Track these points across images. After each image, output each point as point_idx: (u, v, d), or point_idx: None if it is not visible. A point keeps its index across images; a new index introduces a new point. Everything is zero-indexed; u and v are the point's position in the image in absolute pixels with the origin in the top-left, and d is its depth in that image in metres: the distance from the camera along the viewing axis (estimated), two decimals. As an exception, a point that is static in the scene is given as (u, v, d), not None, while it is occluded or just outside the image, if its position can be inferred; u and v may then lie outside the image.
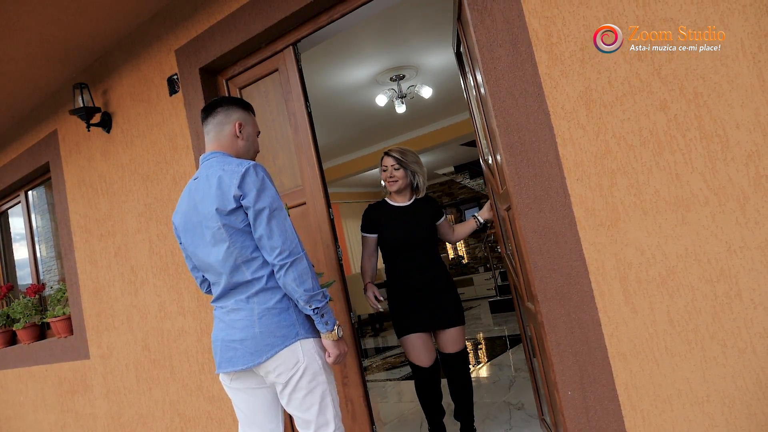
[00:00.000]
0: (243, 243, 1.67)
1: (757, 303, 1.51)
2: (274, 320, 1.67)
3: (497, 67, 1.89)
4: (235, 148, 1.83)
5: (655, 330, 1.65)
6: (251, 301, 1.69)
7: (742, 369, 1.54)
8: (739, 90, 1.50)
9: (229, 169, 1.68)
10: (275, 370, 1.67)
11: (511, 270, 2.80)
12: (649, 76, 1.63)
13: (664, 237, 1.63)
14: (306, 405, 1.70)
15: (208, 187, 1.70)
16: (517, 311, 3.04)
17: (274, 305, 1.68)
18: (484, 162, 3.02)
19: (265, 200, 1.64)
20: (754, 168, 1.49)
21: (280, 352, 1.65)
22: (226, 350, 1.71)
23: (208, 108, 1.85)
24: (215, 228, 1.68)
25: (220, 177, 1.67)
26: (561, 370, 1.82)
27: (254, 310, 1.68)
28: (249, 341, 1.66)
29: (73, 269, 3.70)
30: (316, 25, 2.50)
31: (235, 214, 1.66)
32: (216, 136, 1.83)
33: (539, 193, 1.83)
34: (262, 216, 1.63)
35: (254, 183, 1.64)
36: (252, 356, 1.66)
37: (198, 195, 1.74)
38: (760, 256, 1.49)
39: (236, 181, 1.64)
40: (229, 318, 1.72)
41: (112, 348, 3.46)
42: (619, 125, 1.69)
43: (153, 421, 3.24)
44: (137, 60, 3.16)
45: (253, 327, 1.66)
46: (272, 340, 1.65)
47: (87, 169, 3.56)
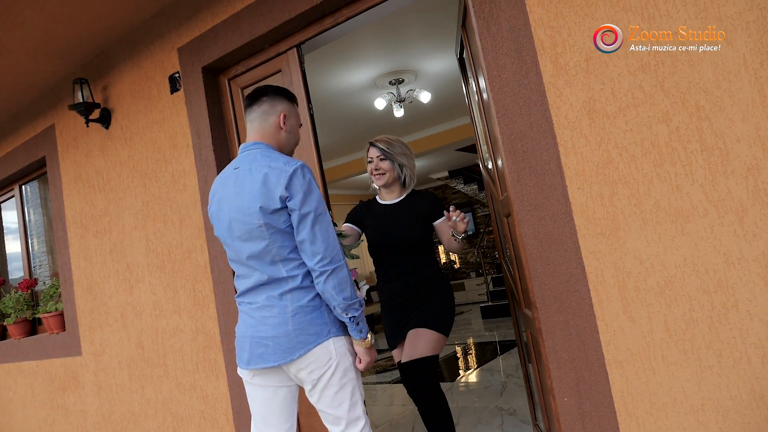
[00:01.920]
0: (282, 243, 1.66)
1: (753, 314, 1.53)
2: (308, 318, 1.66)
3: (502, 75, 1.91)
4: (277, 140, 1.81)
5: (652, 338, 1.68)
6: (284, 298, 1.67)
7: (736, 379, 1.56)
8: (740, 104, 1.53)
9: (276, 167, 1.65)
10: (308, 367, 1.67)
11: (509, 276, 2.81)
12: (652, 88, 1.65)
13: (663, 247, 1.65)
14: (337, 401, 1.70)
15: (252, 181, 1.67)
16: (513, 317, 3.06)
17: (307, 303, 1.67)
18: (484, 168, 3.04)
19: (311, 204, 1.63)
20: (753, 181, 1.52)
21: (314, 350, 1.66)
22: (257, 347, 1.69)
23: (253, 96, 1.81)
24: (255, 225, 1.66)
25: (266, 174, 1.65)
26: (558, 377, 1.83)
27: (287, 308, 1.66)
28: (282, 338, 1.65)
29: (67, 265, 3.68)
30: (321, 27, 2.51)
31: (278, 213, 1.64)
32: (260, 126, 1.79)
33: (540, 200, 1.85)
34: (307, 220, 1.62)
35: (301, 185, 1.63)
36: (284, 353, 1.66)
37: (239, 187, 1.71)
38: (757, 268, 1.52)
39: (284, 182, 1.62)
40: (259, 314, 1.70)
41: (105, 345, 3.44)
42: (621, 136, 1.71)
43: (145, 419, 3.22)
44: (139, 57, 3.16)
45: (287, 324, 1.65)
46: (305, 338, 1.65)
47: (84, 165, 3.54)
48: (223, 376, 2.82)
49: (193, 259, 2.93)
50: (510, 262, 2.65)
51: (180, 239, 2.99)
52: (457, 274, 11.85)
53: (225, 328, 2.78)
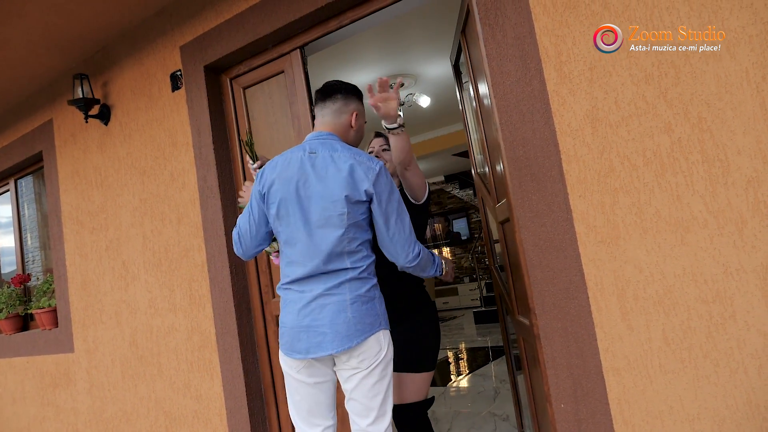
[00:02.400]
0: (354, 234, 1.72)
1: (750, 325, 1.55)
2: (364, 308, 1.71)
3: (506, 82, 1.93)
4: (346, 136, 1.87)
5: (650, 347, 1.69)
6: (343, 287, 1.70)
7: (733, 389, 1.57)
8: (742, 117, 1.55)
9: (363, 162, 1.73)
10: (359, 356, 1.70)
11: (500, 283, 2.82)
12: (655, 99, 1.67)
13: (663, 256, 1.67)
14: (374, 392, 1.73)
15: (336, 170, 1.71)
16: (502, 325, 3.07)
17: (365, 293, 1.72)
18: (476, 174, 3.05)
19: (394, 203, 1.74)
20: (753, 194, 1.54)
21: (368, 339, 1.69)
22: (315, 335, 1.69)
23: (326, 91, 1.86)
24: (337, 213, 1.69)
25: (353, 166, 1.71)
26: (555, 383, 1.84)
27: (347, 296, 1.69)
28: (341, 326, 1.67)
29: (61, 261, 3.66)
30: (326, 29, 2.52)
31: (359, 206, 1.71)
32: (332, 121, 1.85)
33: (542, 207, 1.86)
34: (392, 218, 1.73)
35: (386, 185, 1.73)
36: (343, 341, 1.67)
37: (320, 172, 1.73)
38: (756, 279, 1.54)
39: (372, 178, 1.70)
40: (316, 303, 1.70)
41: (99, 343, 3.42)
42: (623, 145, 1.73)
43: (137, 418, 3.21)
44: (140, 54, 3.15)
45: (346, 312, 1.68)
46: (362, 327, 1.69)
47: (82, 161, 3.52)
48: (217, 376, 2.81)
49: (191, 257, 2.92)
50: (503, 268, 2.65)
51: (177, 237, 2.98)
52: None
53: (221, 328, 2.77)
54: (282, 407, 2.76)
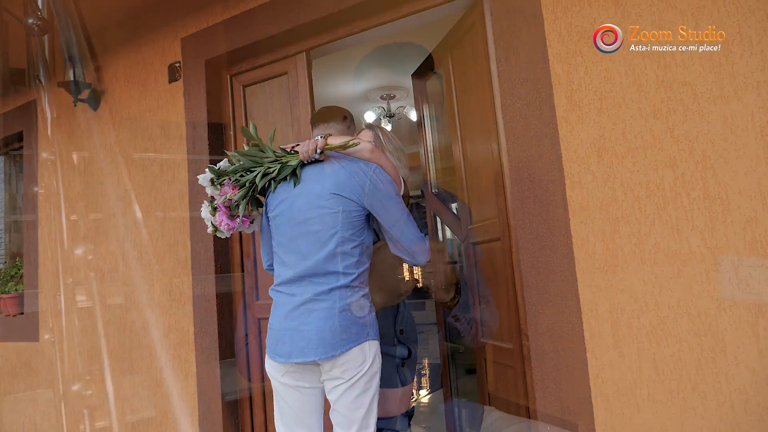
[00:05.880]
0: (350, 236, 1.69)
1: (739, 360, 1.59)
2: (352, 317, 1.67)
3: (515, 104, 1.95)
4: None
5: (639, 375, 1.72)
6: (333, 294, 1.67)
7: (718, 422, 1.61)
8: (744, 158, 1.60)
9: (361, 164, 1.74)
10: (342, 366, 1.65)
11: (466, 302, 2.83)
12: (662, 133, 1.71)
13: (659, 287, 1.70)
14: (356, 404, 1.69)
15: (333, 172, 1.72)
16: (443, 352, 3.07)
17: (354, 302, 1.69)
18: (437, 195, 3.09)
19: (392, 210, 1.72)
20: (751, 233, 1.59)
21: (353, 349, 1.65)
22: (300, 340, 1.66)
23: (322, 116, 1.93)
24: (331, 211, 1.68)
25: (351, 167, 1.72)
26: (543, 405, 1.85)
27: (335, 303, 1.66)
28: (327, 333, 1.63)
29: (33, 246, 3.52)
30: (334, 36, 2.51)
31: (357, 206, 1.70)
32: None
33: (542, 230, 1.88)
34: (399, 221, 1.72)
35: (382, 192, 1.72)
36: (326, 348, 1.63)
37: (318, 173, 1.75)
38: (748, 316, 1.58)
39: (369, 179, 1.71)
40: (305, 307, 1.68)
41: (66, 333, 3.29)
42: (627, 176, 1.76)
43: (102, 415, 3.09)
44: (139, 42, 3.09)
45: (333, 319, 1.64)
46: (347, 336, 1.64)
47: (65, 145, 3.41)
48: (192, 376, 2.74)
49: (174, 253, 2.85)
50: (459, 290, 2.69)
51: (162, 231, 2.91)
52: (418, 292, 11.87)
53: (200, 327, 2.71)
54: (257, 412, 2.70)
